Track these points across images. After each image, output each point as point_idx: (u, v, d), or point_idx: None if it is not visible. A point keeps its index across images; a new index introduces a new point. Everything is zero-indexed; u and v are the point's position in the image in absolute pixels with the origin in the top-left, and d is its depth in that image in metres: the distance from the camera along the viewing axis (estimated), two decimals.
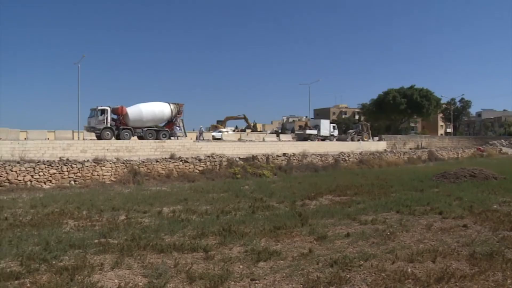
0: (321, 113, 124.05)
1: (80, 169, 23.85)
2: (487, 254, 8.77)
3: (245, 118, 64.05)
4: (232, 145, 38.37)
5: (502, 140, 70.16)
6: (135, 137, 34.63)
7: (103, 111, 33.68)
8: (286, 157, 33.06)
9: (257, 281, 7.37)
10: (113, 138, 33.03)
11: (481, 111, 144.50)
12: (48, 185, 22.58)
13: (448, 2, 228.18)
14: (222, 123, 63.14)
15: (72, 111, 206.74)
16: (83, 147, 28.95)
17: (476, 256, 8.71)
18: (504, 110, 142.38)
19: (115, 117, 34.72)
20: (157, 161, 26.82)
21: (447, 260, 8.55)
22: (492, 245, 9.66)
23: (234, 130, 69.87)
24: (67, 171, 23.54)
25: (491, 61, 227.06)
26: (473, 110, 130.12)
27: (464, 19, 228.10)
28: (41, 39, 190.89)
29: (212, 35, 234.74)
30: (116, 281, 7.36)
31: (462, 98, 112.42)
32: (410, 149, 53.64)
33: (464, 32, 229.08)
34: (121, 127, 33.92)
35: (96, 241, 10.08)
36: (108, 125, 33.48)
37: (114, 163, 25.12)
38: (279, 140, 49.68)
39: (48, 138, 33.63)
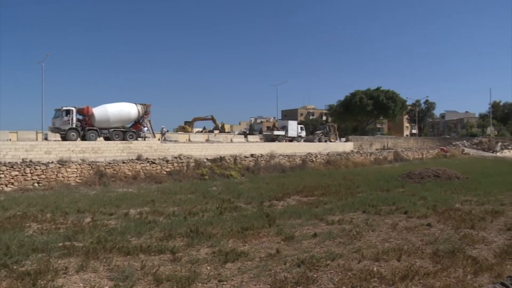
0: (289, 114, 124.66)
1: (44, 170, 23.32)
2: (449, 252, 9.03)
3: (213, 119, 63.74)
4: (199, 146, 38.19)
5: (464, 141, 71.86)
6: (101, 138, 34.09)
7: (68, 112, 33.00)
8: (254, 158, 33.13)
9: (224, 282, 7.37)
10: (79, 139, 32.38)
11: (445, 112, 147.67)
12: (10, 187, 21.98)
13: (413, 3, 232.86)
14: (189, 124, 62.64)
15: (36, 111, 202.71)
16: (47, 148, 28.30)
17: (439, 253, 8.95)
18: (466, 112, 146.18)
19: (80, 117, 34.05)
20: (123, 162, 26.49)
21: (412, 258, 8.74)
22: (454, 243, 9.94)
23: (202, 131, 69.61)
24: (30, 172, 22.95)
25: (454, 62, 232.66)
26: (437, 112, 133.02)
27: (428, 20, 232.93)
28: (1, 38, 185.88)
29: (179, 35, 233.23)
30: (81, 285, 7.26)
31: (427, 100, 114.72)
32: (377, 150, 54.44)
33: (428, 34, 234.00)
34: (87, 128, 33.29)
35: (60, 244, 9.88)
36: (74, 125, 32.79)
37: (79, 164, 24.68)
38: (247, 141, 49.68)
39: (10, 139, 32.81)
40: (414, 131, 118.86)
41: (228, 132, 75.91)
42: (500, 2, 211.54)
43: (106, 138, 34.18)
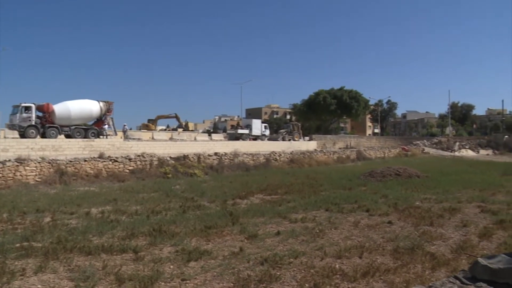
0: (253, 113, 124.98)
1: (0, 169, 22.60)
2: (409, 248, 9.27)
3: (176, 117, 63.18)
4: (163, 144, 37.88)
5: (425, 141, 73.50)
6: (62, 136, 33.41)
7: (27, 108, 32.16)
8: (218, 157, 33.03)
9: (187, 281, 7.35)
10: (38, 136, 31.64)
11: (406, 112, 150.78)
12: None
13: (375, 3, 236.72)
14: (153, 122, 61.95)
15: None
16: (4, 146, 27.50)
17: (399, 250, 9.17)
18: (426, 112, 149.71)
19: (40, 114, 33.25)
20: (85, 161, 25.95)
21: (373, 255, 8.92)
22: (414, 239, 10.20)
23: (165, 129, 69.01)
24: None
25: (415, 63, 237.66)
26: (398, 112, 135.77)
27: (390, 20, 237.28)
28: None
29: (143, 31, 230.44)
30: (39, 286, 7.09)
31: (389, 100, 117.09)
32: (340, 148, 55.02)
33: (389, 35, 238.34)
34: (47, 125, 32.54)
35: (17, 245, 9.57)
36: (33, 123, 32.00)
37: (39, 162, 24.02)
38: (211, 139, 49.62)
39: None
40: (376, 130, 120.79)
41: (192, 130, 75.50)
42: (459, 2, 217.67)
43: (67, 136, 33.54)
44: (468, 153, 63.37)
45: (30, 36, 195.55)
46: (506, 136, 71.68)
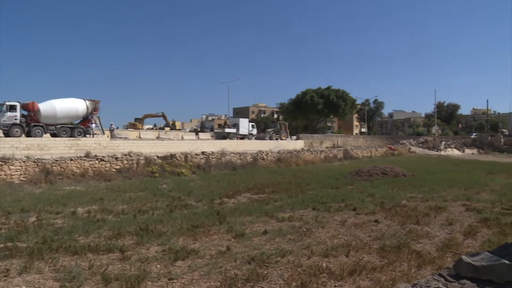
0: (241, 112, 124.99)
1: None
2: (395, 247, 9.34)
3: (163, 116, 63.10)
4: (150, 143, 37.76)
5: (411, 140, 74.08)
6: (48, 135, 33.12)
7: (12, 107, 31.81)
8: (205, 156, 32.94)
9: (174, 280, 7.33)
10: (23, 135, 31.35)
11: (393, 112, 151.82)
12: None
13: (361, 2, 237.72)
14: (140, 120, 61.78)
15: None
16: None
17: (385, 249, 9.23)
18: (413, 111, 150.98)
19: (25, 113, 32.95)
20: (71, 160, 25.71)
21: (360, 254, 8.97)
22: (400, 238, 10.28)
23: (152, 128, 68.71)
24: None
25: (401, 63, 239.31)
26: (385, 111, 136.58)
27: (376, 20, 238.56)
28: None
29: (129, 30, 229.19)
30: (24, 287, 7.02)
31: (376, 100, 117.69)
32: (327, 148, 55.17)
33: (377, 34, 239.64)
34: (32, 124, 32.26)
35: (1, 245, 9.43)
36: (18, 121, 31.70)
37: (24, 161, 23.75)
38: (198, 138, 49.57)
39: None
40: (363, 129, 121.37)
41: (179, 129, 75.29)
42: (446, 1, 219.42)
43: (53, 135, 33.27)
44: (453, 152, 63.94)
45: (15, 35, 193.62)
46: (490, 136, 72.47)
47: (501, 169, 31.62)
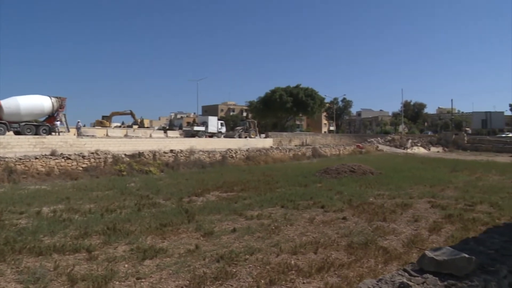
0: (209, 110, 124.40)
1: None
2: (362, 243, 9.48)
3: (132, 114, 62.25)
4: (117, 142, 37.29)
5: (379, 138, 75.13)
6: (11, 133, 32.31)
7: None
8: (174, 154, 32.75)
9: (143, 280, 7.27)
10: None
11: (361, 110, 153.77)
12: None
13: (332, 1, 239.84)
14: (107, 118, 60.81)
15: None
16: None
17: (353, 245, 9.37)
18: (380, 110, 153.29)
19: None
20: (36, 158, 25.18)
21: (328, 251, 9.07)
22: (367, 234, 10.44)
23: (120, 126, 67.82)
24: None
25: (369, 62, 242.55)
26: (353, 110, 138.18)
27: (346, 19, 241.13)
28: None
29: (96, 27, 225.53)
30: None
31: (344, 98, 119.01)
32: (295, 146, 55.52)
33: (345, 34, 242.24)
34: None
35: None
36: None
37: None
38: (167, 136, 49.15)
39: None
40: (332, 128, 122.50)
41: (147, 127, 74.54)
42: (410, 1, 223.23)
43: (17, 133, 32.46)
44: (420, 150, 65.20)
45: None
46: (455, 134, 74.20)
47: (465, 166, 32.39)
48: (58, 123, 36.13)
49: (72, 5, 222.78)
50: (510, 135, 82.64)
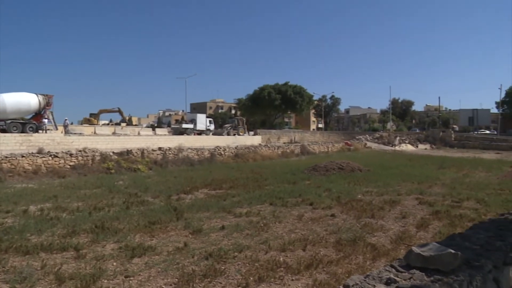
0: (198, 107, 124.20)
1: None
2: (351, 240, 9.54)
3: (119, 112, 61.86)
4: (106, 139, 37.03)
5: (367, 135, 75.35)
6: None
7: None
8: (162, 151, 32.66)
9: (131, 278, 7.26)
10: None
11: (349, 108, 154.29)
12: None
13: None
14: (95, 116, 60.39)
15: None
16: None
17: (341, 242, 9.43)
18: (369, 107, 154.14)
19: None
20: (23, 156, 24.96)
21: (316, 248, 9.12)
22: (356, 231, 10.51)
23: (108, 124, 67.40)
24: None
25: (357, 60, 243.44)
26: (342, 107, 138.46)
27: (333, 17, 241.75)
28: None
29: (84, 24, 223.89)
30: None
31: (333, 96, 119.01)
32: (284, 143, 55.52)
33: (333, 31, 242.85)
34: None
35: None
36: None
37: None
38: (155, 134, 48.91)
39: None
40: (320, 125, 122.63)
41: (135, 125, 74.34)
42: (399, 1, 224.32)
43: (3, 130, 32.08)
44: (407, 147, 65.55)
45: None
46: (442, 131, 74.73)
47: (452, 163, 32.71)
48: (45, 120, 35.82)
49: (59, 3, 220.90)
50: (487, 132, 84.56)
